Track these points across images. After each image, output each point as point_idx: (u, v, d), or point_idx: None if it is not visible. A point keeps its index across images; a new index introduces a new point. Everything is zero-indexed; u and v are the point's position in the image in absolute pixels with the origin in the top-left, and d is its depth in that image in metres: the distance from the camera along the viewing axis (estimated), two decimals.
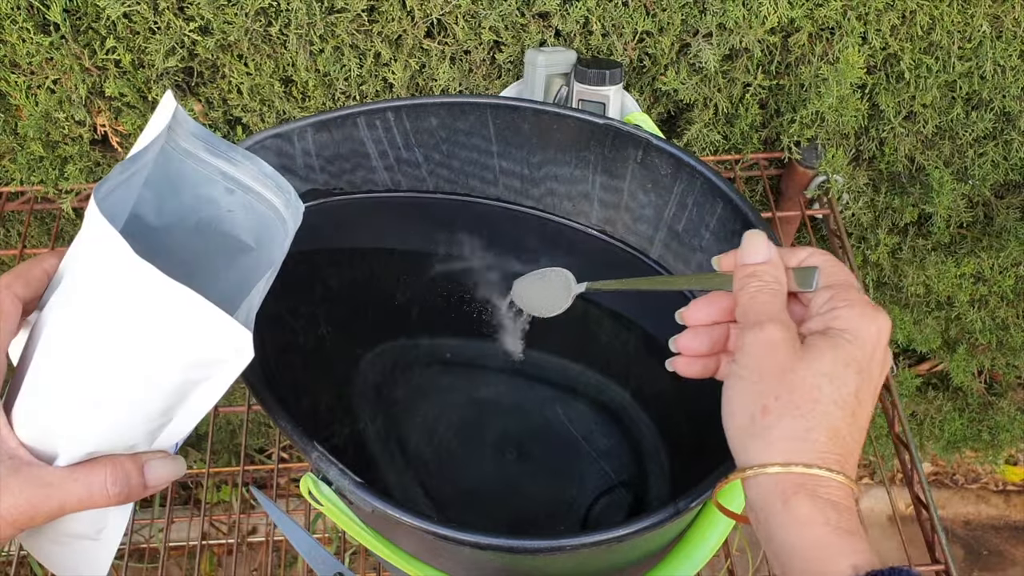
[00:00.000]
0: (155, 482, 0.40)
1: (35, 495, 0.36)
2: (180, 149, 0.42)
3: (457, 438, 0.55)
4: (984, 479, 1.45)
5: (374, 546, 0.47)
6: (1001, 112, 0.81)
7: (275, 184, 0.42)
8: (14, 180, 0.81)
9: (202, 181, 0.43)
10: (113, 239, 0.33)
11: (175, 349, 0.35)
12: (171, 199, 0.43)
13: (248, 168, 0.43)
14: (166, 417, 0.39)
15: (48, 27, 0.71)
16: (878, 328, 0.37)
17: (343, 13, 0.71)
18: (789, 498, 0.34)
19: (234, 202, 0.44)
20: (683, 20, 0.73)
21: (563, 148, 0.58)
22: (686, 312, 0.43)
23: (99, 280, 0.35)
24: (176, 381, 0.37)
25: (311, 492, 0.44)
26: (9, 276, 0.39)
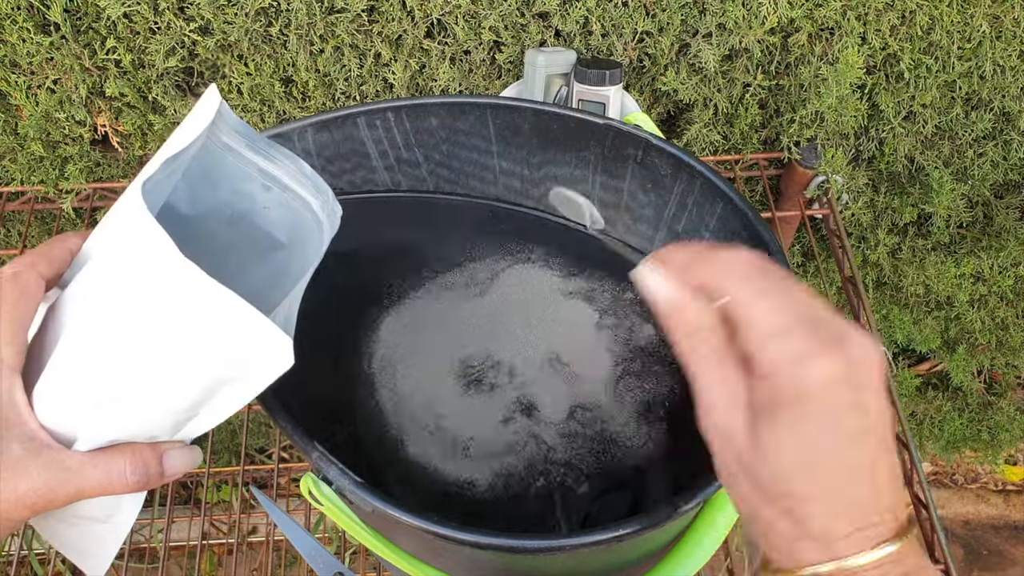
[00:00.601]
0: (172, 471, 0.39)
1: (54, 479, 0.36)
2: (220, 143, 0.41)
3: (461, 435, 0.55)
4: (984, 479, 1.45)
5: (374, 546, 0.47)
6: (1001, 112, 0.81)
7: (313, 185, 0.42)
8: (14, 180, 0.81)
9: (240, 176, 0.42)
10: (157, 235, 0.33)
11: (211, 349, 0.35)
12: (206, 192, 0.42)
13: (288, 167, 0.42)
14: (192, 412, 0.38)
15: (48, 27, 0.71)
16: (864, 361, 0.30)
17: (343, 13, 0.71)
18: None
19: (270, 199, 0.43)
20: (683, 20, 0.73)
21: (563, 148, 0.58)
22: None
23: (137, 274, 0.34)
24: (207, 379, 0.36)
25: (311, 492, 0.44)
26: (33, 255, 0.39)
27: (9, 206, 0.83)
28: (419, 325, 0.58)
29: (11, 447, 0.36)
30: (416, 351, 0.58)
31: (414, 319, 0.59)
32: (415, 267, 0.61)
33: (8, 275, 0.38)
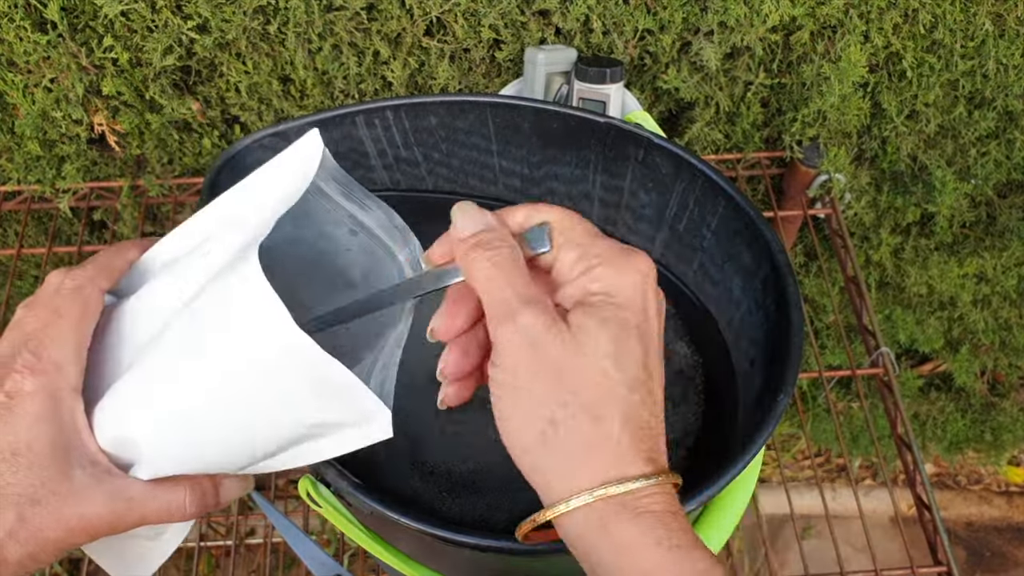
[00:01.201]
0: (227, 499, 0.40)
1: (117, 508, 0.35)
2: (314, 188, 0.40)
3: (456, 433, 0.54)
4: (987, 480, 1.45)
5: (372, 547, 0.46)
6: (1004, 111, 0.80)
7: (402, 237, 0.41)
8: (11, 179, 0.81)
9: (329, 221, 0.42)
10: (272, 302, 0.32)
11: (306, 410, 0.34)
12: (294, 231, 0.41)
13: (378, 216, 0.41)
14: (266, 460, 0.38)
15: (45, 25, 0.71)
16: (641, 275, 0.32)
17: (342, 11, 0.71)
18: (608, 524, 0.29)
19: (354, 243, 0.42)
20: (684, 18, 0.72)
21: (563, 147, 0.58)
22: (439, 327, 0.35)
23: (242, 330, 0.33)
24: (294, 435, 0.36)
25: (309, 493, 0.44)
26: (93, 268, 0.38)
27: (6, 206, 0.82)
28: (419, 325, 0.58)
29: (75, 474, 0.35)
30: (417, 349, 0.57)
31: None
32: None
33: (69, 289, 0.37)
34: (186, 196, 0.83)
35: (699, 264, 0.57)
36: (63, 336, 0.36)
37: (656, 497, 0.30)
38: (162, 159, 0.81)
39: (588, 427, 0.30)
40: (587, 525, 0.30)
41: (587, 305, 0.31)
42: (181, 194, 0.83)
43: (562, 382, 0.30)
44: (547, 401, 0.30)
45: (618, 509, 0.29)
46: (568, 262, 0.33)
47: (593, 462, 0.30)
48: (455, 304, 0.35)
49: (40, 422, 0.35)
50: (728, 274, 0.55)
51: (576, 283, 0.32)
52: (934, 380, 1.20)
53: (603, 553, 0.30)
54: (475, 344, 0.35)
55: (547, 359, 0.30)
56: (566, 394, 0.30)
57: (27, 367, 0.35)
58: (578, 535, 0.30)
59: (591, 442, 0.30)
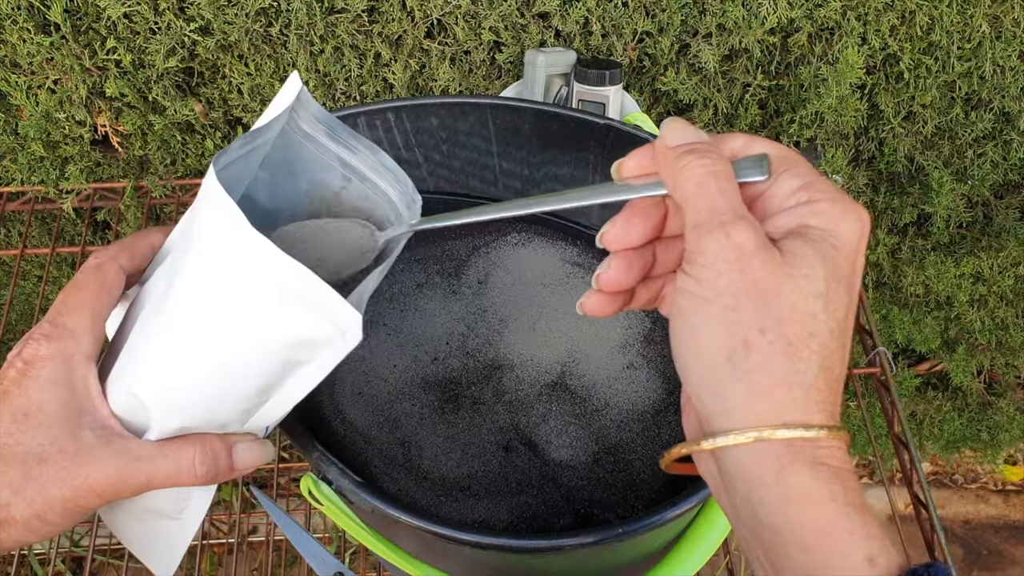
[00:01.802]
0: (242, 465, 0.39)
1: (124, 468, 0.36)
2: (300, 131, 0.41)
3: (457, 432, 0.55)
4: (983, 479, 1.45)
5: (374, 545, 0.47)
6: (1000, 112, 0.81)
7: (394, 176, 0.41)
8: (15, 180, 0.81)
9: (319, 167, 0.42)
10: (230, 210, 0.33)
11: (283, 326, 0.34)
12: (286, 182, 0.42)
13: (367, 158, 0.41)
14: (262, 397, 0.38)
15: (49, 27, 0.71)
16: (863, 226, 0.29)
17: (343, 13, 0.71)
18: (784, 468, 0.27)
19: (349, 190, 0.42)
20: (683, 21, 0.73)
21: (563, 148, 0.58)
22: (612, 232, 0.33)
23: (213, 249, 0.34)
24: (279, 360, 0.36)
25: (311, 492, 0.45)
26: (115, 248, 0.39)
27: (9, 206, 0.83)
28: (419, 324, 0.58)
29: (84, 435, 0.36)
30: (416, 350, 0.58)
31: (414, 318, 0.59)
32: (414, 266, 0.61)
33: (91, 266, 0.38)
34: (189, 197, 0.84)
35: None
36: (80, 306, 0.37)
37: (833, 451, 0.28)
38: (165, 160, 0.82)
39: (783, 361, 0.27)
40: (758, 462, 0.27)
41: (804, 237, 0.29)
42: (184, 195, 0.84)
43: (766, 307, 0.28)
44: (746, 322, 0.28)
45: (796, 453, 0.27)
46: (786, 191, 0.30)
47: (779, 398, 0.27)
48: (634, 216, 0.33)
49: (53, 385, 0.36)
50: None
51: (794, 212, 0.29)
52: (931, 379, 1.21)
53: (770, 496, 0.27)
54: (640, 262, 0.33)
55: (753, 279, 0.28)
56: (768, 320, 0.27)
57: (44, 335, 0.36)
58: (744, 470, 0.28)
59: (782, 377, 0.27)
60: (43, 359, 0.36)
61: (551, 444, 0.53)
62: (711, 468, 0.30)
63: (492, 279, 0.61)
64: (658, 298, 0.35)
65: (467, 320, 0.58)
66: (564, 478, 0.51)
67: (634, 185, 0.33)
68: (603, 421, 0.53)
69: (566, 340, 0.58)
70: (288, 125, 0.40)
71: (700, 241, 0.29)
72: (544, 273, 0.62)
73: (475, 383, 0.55)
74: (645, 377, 0.56)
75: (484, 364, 0.56)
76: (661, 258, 0.34)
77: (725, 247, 0.28)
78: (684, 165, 0.30)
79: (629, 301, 0.34)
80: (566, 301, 0.60)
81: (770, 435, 0.27)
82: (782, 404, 0.27)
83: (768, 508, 0.27)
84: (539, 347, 0.57)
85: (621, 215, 0.33)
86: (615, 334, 0.59)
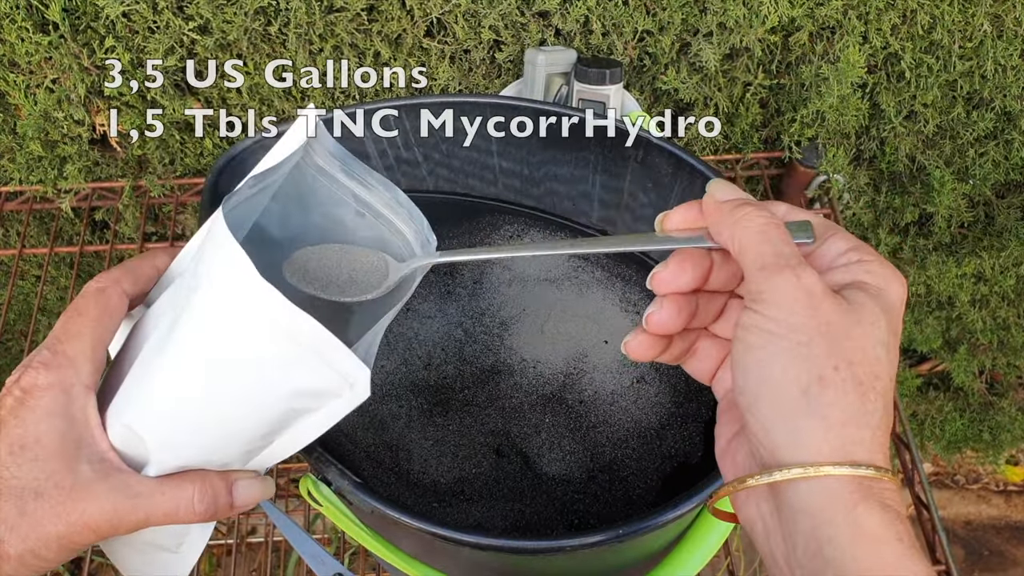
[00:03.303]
0: (242, 502, 0.38)
1: (122, 504, 0.35)
2: (314, 166, 0.40)
3: (447, 434, 0.55)
4: (985, 479, 1.45)
5: (373, 546, 0.46)
6: (1002, 111, 0.81)
7: (408, 214, 0.41)
8: (13, 180, 0.81)
9: (333, 201, 0.41)
10: (239, 258, 0.32)
11: (288, 376, 0.34)
12: (298, 215, 0.41)
13: (382, 195, 0.41)
14: (266, 441, 0.37)
15: (47, 26, 0.71)
16: (904, 289, 0.31)
17: (342, 12, 0.71)
18: (856, 505, 0.28)
19: (363, 226, 0.42)
20: (683, 19, 0.72)
21: (563, 148, 0.58)
22: (663, 274, 0.34)
23: (219, 295, 0.34)
24: (284, 407, 0.35)
25: (310, 493, 0.44)
26: (119, 271, 0.38)
27: (8, 206, 0.82)
28: (418, 325, 0.58)
29: (81, 468, 0.35)
30: (415, 350, 0.57)
31: (413, 318, 0.58)
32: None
33: (93, 290, 0.38)
34: (188, 196, 0.83)
35: None
36: (80, 333, 0.36)
37: (894, 493, 0.28)
38: (163, 159, 0.82)
39: (855, 399, 0.28)
40: (829, 498, 0.28)
41: (865, 291, 0.30)
42: (183, 194, 0.83)
43: (838, 347, 0.29)
44: (820, 358, 0.29)
45: (866, 492, 0.28)
46: (836, 251, 0.32)
47: (850, 436, 0.28)
48: (686, 261, 0.34)
49: (51, 416, 0.35)
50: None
51: (847, 269, 0.31)
52: (932, 379, 1.21)
53: (840, 534, 0.28)
54: (688, 309, 0.34)
55: (826, 320, 0.29)
56: (840, 359, 0.29)
57: (43, 363, 0.36)
58: (811, 505, 0.28)
59: (853, 416, 0.28)
60: (41, 388, 0.35)
61: (543, 457, 0.52)
62: (761, 508, 0.31)
63: (488, 278, 0.60)
64: (688, 352, 0.36)
65: (465, 324, 0.57)
66: (558, 491, 0.50)
67: (681, 237, 0.34)
68: (598, 437, 0.52)
69: (575, 346, 0.57)
70: (303, 159, 0.40)
71: (769, 281, 0.30)
72: (547, 268, 0.61)
73: (469, 387, 0.55)
74: (654, 392, 0.54)
75: (481, 370, 0.56)
76: (701, 310, 0.35)
77: (796, 287, 0.29)
78: (743, 215, 0.32)
79: (665, 350, 0.35)
80: (576, 300, 0.59)
81: (844, 472, 0.28)
82: (853, 442, 0.28)
83: (836, 546, 0.27)
84: (545, 353, 0.56)
85: (673, 259, 0.34)
86: None
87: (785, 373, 0.29)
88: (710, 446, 0.52)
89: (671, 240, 0.34)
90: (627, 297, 0.60)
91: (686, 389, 0.55)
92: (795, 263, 0.30)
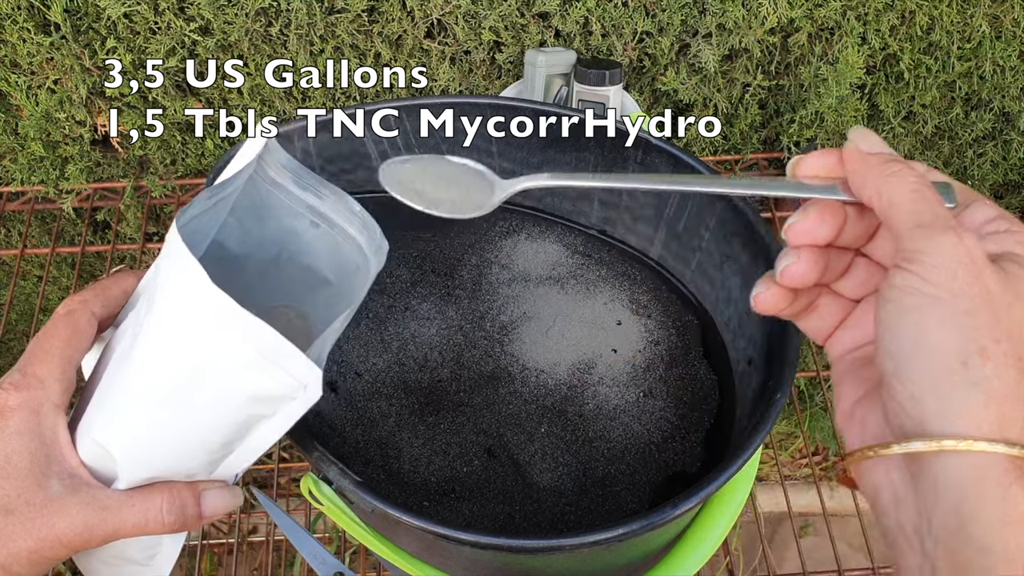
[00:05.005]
0: (211, 512, 0.39)
1: (91, 518, 0.36)
2: (268, 179, 0.41)
3: (437, 433, 0.55)
4: None
5: (374, 545, 0.47)
6: (1000, 112, 0.81)
7: (361, 222, 0.42)
8: (15, 180, 0.81)
9: (288, 213, 0.42)
10: (191, 266, 0.33)
11: (244, 381, 0.35)
12: (255, 228, 0.42)
13: (335, 204, 0.42)
14: (227, 449, 0.38)
15: (49, 27, 0.71)
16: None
17: (343, 13, 0.71)
18: (1012, 484, 0.26)
19: (318, 236, 0.43)
20: (683, 20, 0.73)
21: (563, 148, 0.58)
22: (801, 224, 0.32)
23: (174, 305, 0.35)
24: (242, 414, 0.36)
25: (311, 492, 0.45)
26: (88, 293, 0.39)
27: (9, 206, 0.83)
28: (418, 326, 0.58)
29: (51, 484, 0.36)
30: (416, 352, 0.57)
31: (413, 319, 0.58)
32: (414, 266, 0.61)
33: (62, 313, 0.38)
34: (189, 197, 0.84)
35: (697, 264, 0.58)
36: (49, 354, 0.37)
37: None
38: (165, 160, 0.82)
39: (1014, 375, 0.27)
40: (981, 475, 0.26)
41: (1017, 263, 0.29)
42: (184, 195, 0.84)
43: (999, 319, 0.27)
44: (983, 329, 0.27)
45: (1021, 473, 0.26)
46: (983, 218, 0.31)
47: (1008, 412, 0.27)
48: (824, 211, 0.32)
49: (21, 435, 0.36)
50: (726, 274, 0.55)
51: (997, 239, 0.30)
52: None
53: (990, 513, 0.26)
54: (823, 262, 0.32)
55: (987, 288, 0.27)
56: (1002, 332, 0.27)
57: (12, 384, 0.36)
58: (961, 480, 0.27)
59: (1012, 391, 0.27)
60: (12, 409, 0.36)
61: (534, 467, 0.51)
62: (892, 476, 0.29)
63: (488, 278, 0.60)
64: (808, 309, 0.34)
65: (464, 328, 0.57)
66: (548, 500, 0.50)
67: (814, 185, 0.32)
68: (593, 452, 0.52)
69: (582, 355, 0.56)
70: (256, 173, 0.41)
71: (930, 240, 0.28)
72: (551, 265, 0.61)
73: (464, 391, 0.55)
74: (660, 407, 0.54)
75: (479, 375, 0.55)
76: (830, 265, 0.33)
77: (960, 250, 0.28)
78: (895, 171, 0.30)
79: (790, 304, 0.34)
80: (582, 302, 0.59)
81: (1000, 449, 0.26)
82: (1010, 419, 0.27)
83: (983, 524, 0.26)
84: (548, 362, 0.55)
85: (812, 208, 0.32)
86: (644, 351, 0.57)
87: (945, 340, 0.27)
88: (710, 455, 0.53)
89: (804, 188, 0.32)
90: (636, 298, 0.60)
91: (690, 399, 0.55)
92: (954, 223, 0.28)
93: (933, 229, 0.28)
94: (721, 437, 0.53)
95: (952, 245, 0.28)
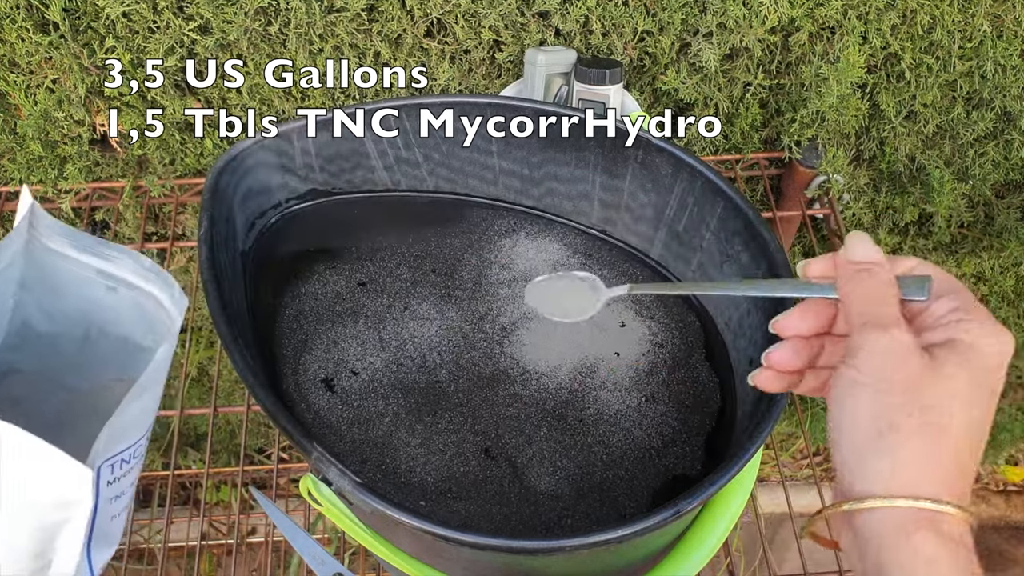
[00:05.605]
0: None
1: None
2: (46, 248, 0.40)
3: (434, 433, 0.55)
4: (984, 479, 1.45)
5: (373, 546, 0.46)
6: (1002, 112, 0.81)
7: (158, 277, 0.41)
8: (13, 180, 0.81)
9: (79, 281, 0.41)
10: None
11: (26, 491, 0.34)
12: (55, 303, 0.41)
13: (125, 263, 0.41)
14: (44, 559, 0.38)
15: (47, 26, 0.71)
16: (1003, 346, 0.34)
17: (343, 12, 0.71)
18: (912, 534, 0.31)
19: (118, 300, 0.42)
20: (683, 19, 0.72)
21: (563, 148, 0.58)
22: (784, 322, 0.39)
23: None
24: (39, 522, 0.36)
25: (311, 493, 0.44)
26: None
27: (8, 206, 0.82)
28: (418, 326, 0.58)
29: None
30: (416, 353, 0.57)
31: (413, 320, 0.58)
32: (414, 266, 0.61)
33: None
34: (188, 196, 0.83)
35: (698, 264, 0.58)
36: None
37: (957, 526, 0.32)
38: (164, 160, 0.82)
39: (923, 442, 0.32)
40: (892, 526, 0.32)
41: (952, 347, 0.34)
42: (183, 194, 0.84)
43: (914, 397, 0.33)
44: (896, 406, 0.33)
45: (925, 522, 0.31)
46: (943, 310, 0.35)
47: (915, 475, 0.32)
48: (808, 311, 0.39)
49: None
50: (727, 274, 0.55)
51: (946, 328, 0.35)
52: None
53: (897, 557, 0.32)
54: (807, 350, 0.39)
55: (908, 373, 0.33)
56: (915, 407, 0.32)
57: None
58: (875, 532, 0.32)
59: (920, 457, 0.32)
60: None
61: (531, 470, 0.51)
62: (844, 534, 0.35)
63: (488, 278, 0.60)
64: (824, 387, 0.39)
65: (464, 329, 0.57)
66: (545, 504, 0.50)
67: (813, 285, 0.38)
68: (592, 457, 0.52)
69: (584, 358, 0.56)
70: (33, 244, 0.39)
71: (865, 338, 0.34)
72: (552, 265, 0.61)
73: (463, 391, 0.54)
74: (662, 412, 0.53)
75: (478, 376, 0.55)
76: (828, 350, 0.39)
77: (892, 344, 0.33)
78: (860, 278, 0.36)
79: (798, 383, 0.39)
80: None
81: (904, 503, 0.32)
82: (918, 480, 0.32)
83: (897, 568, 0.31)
84: (549, 365, 0.55)
85: (798, 308, 0.39)
86: (647, 355, 0.57)
87: (866, 417, 0.33)
88: (711, 458, 0.52)
89: (807, 288, 0.38)
90: (638, 299, 0.59)
91: (692, 402, 0.55)
92: (890, 321, 0.34)
93: (870, 327, 0.34)
94: (722, 439, 0.53)
95: (882, 340, 0.34)
